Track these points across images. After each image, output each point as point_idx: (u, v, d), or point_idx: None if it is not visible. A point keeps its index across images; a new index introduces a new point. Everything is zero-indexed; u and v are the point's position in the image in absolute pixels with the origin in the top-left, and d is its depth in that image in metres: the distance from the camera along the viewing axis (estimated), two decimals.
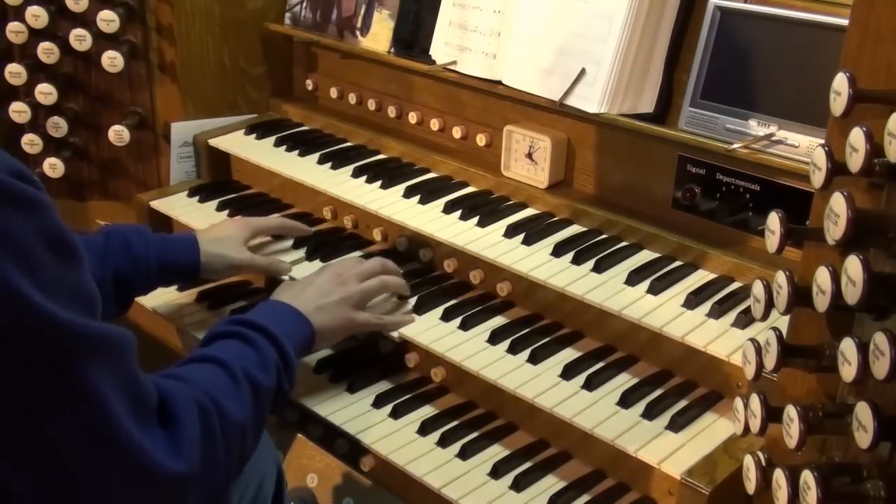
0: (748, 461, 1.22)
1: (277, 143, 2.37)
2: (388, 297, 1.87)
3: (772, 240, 1.18)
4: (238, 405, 1.35)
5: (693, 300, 1.68)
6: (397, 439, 1.71)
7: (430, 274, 1.99)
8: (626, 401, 1.60)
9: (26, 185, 1.03)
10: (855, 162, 1.04)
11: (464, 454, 1.67)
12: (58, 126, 2.41)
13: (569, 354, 1.74)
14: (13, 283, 0.99)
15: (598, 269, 1.78)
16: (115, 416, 1.11)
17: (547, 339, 1.77)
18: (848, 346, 1.03)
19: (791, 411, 1.12)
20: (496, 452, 1.69)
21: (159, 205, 2.31)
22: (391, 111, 2.36)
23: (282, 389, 1.52)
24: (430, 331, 1.80)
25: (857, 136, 1.04)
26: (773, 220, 1.17)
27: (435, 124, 2.28)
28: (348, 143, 2.37)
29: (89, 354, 1.08)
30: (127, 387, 1.14)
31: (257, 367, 1.45)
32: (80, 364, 1.07)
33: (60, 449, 1.09)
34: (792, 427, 1.11)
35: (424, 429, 1.72)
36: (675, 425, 1.55)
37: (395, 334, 1.81)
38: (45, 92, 2.35)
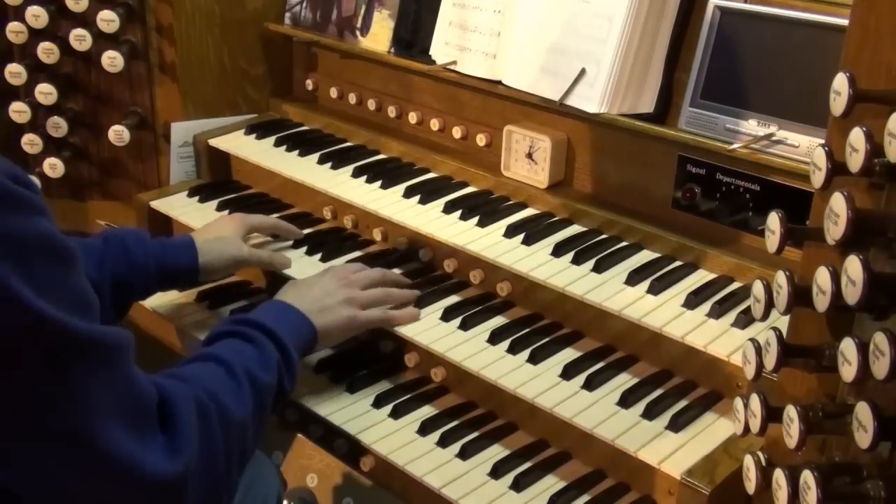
0: (748, 461, 1.22)
1: (277, 143, 2.37)
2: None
3: (772, 240, 1.18)
4: (238, 403, 1.35)
5: (693, 300, 1.68)
6: (397, 439, 1.71)
7: (430, 274, 1.99)
8: (626, 401, 1.60)
9: (23, 188, 1.03)
10: (855, 162, 1.04)
11: (464, 454, 1.67)
12: (58, 126, 2.41)
13: (569, 354, 1.74)
14: (10, 283, 1.00)
15: (598, 269, 1.78)
16: (103, 423, 1.11)
17: (547, 339, 1.77)
18: (848, 346, 1.03)
19: (791, 411, 1.12)
20: (496, 452, 1.69)
21: (159, 205, 2.31)
22: (391, 111, 2.36)
23: (283, 389, 1.52)
24: (430, 331, 1.80)
25: (857, 136, 1.04)
26: (773, 220, 1.17)
27: (435, 124, 2.28)
28: (348, 143, 2.38)
29: (83, 358, 1.08)
30: (121, 390, 1.14)
31: (258, 365, 1.45)
32: (72, 367, 1.07)
33: (47, 453, 1.10)
34: (792, 427, 1.11)
35: (424, 429, 1.72)
36: (675, 425, 1.55)
37: (402, 329, 1.80)
38: (45, 92, 2.35)
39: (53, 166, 2.42)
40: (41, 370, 1.05)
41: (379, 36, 2.33)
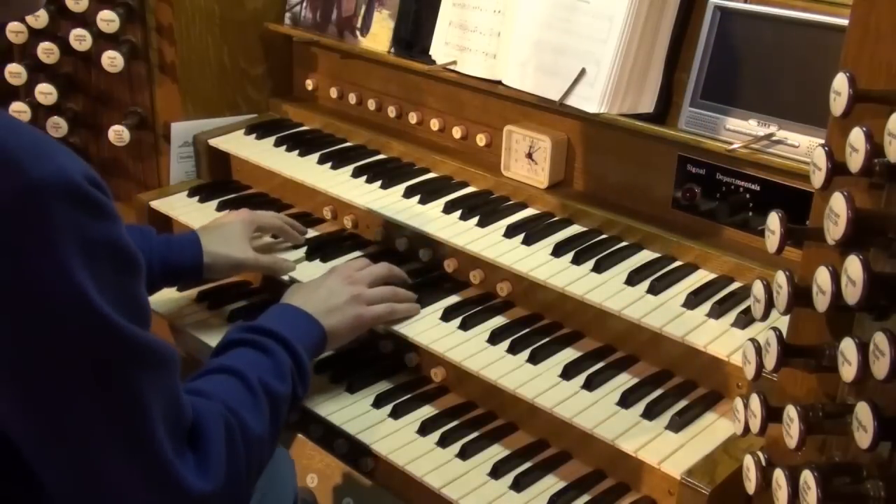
0: (748, 461, 1.22)
1: (277, 143, 2.37)
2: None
3: (772, 240, 1.18)
4: (257, 418, 1.36)
5: (693, 300, 1.68)
6: (397, 439, 1.71)
7: (430, 274, 1.99)
8: (626, 401, 1.60)
9: (98, 192, 1.06)
10: (855, 162, 1.04)
11: (464, 454, 1.67)
12: (58, 126, 2.41)
13: (569, 354, 1.74)
14: (83, 285, 1.03)
15: (598, 269, 1.78)
16: (154, 430, 1.13)
17: (547, 339, 1.77)
18: (848, 346, 1.03)
19: (791, 411, 1.12)
20: (496, 452, 1.69)
21: (159, 205, 2.31)
22: (391, 111, 2.36)
23: (296, 395, 1.53)
24: (430, 331, 1.80)
25: (857, 136, 1.04)
26: (773, 220, 1.17)
27: (435, 124, 2.28)
28: (348, 143, 2.38)
29: (141, 364, 1.11)
30: (168, 403, 1.16)
31: (273, 375, 1.46)
32: (131, 372, 1.10)
33: (95, 452, 1.12)
34: (792, 427, 1.11)
35: (424, 429, 1.72)
36: (675, 425, 1.55)
37: (402, 330, 1.80)
38: (45, 92, 2.35)
39: None
40: (100, 370, 1.08)
41: (379, 36, 2.33)
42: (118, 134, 2.39)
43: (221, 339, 1.56)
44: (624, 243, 1.89)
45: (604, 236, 1.91)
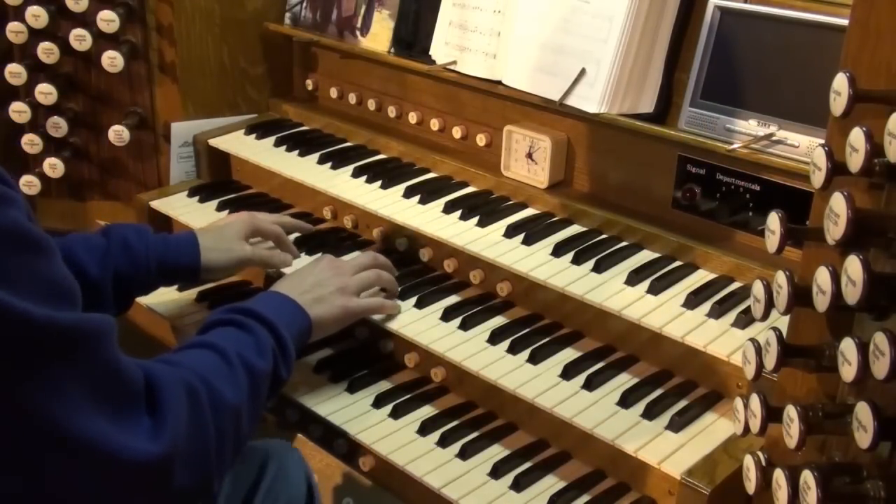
0: (748, 461, 1.22)
1: (277, 143, 2.37)
2: (377, 291, 1.87)
3: (772, 240, 1.18)
4: (232, 388, 1.34)
5: (693, 300, 1.68)
6: (397, 439, 1.71)
7: (430, 274, 1.99)
8: (626, 401, 1.60)
9: None
10: (855, 162, 1.04)
11: (464, 454, 1.67)
12: (58, 126, 2.41)
13: (569, 354, 1.74)
14: None
15: (598, 269, 1.78)
16: (78, 412, 1.09)
17: (547, 339, 1.77)
18: (848, 346, 1.03)
19: (791, 411, 1.12)
20: (496, 452, 1.69)
21: (159, 205, 2.31)
22: (391, 111, 2.37)
23: (279, 376, 1.51)
24: (430, 331, 1.80)
25: (857, 136, 1.04)
26: (773, 220, 1.17)
27: (435, 124, 2.28)
28: (348, 143, 2.38)
29: (54, 347, 1.06)
30: (99, 377, 1.12)
31: (252, 351, 1.45)
32: (42, 358, 1.05)
33: (23, 448, 1.08)
34: (792, 427, 1.11)
35: (424, 429, 1.72)
36: (675, 425, 1.55)
37: (402, 329, 1.80)
38: (45, 92, 2.35)
39: (53, 166, 2.42)
40: (9, 362, 1.03)
41: (379, 36, 2.33)
42: (118, 134, 2.39)
43: (204, 320, 1.55)
44: (624, 243, 1.89)
45: (604, 236, 1.91)
